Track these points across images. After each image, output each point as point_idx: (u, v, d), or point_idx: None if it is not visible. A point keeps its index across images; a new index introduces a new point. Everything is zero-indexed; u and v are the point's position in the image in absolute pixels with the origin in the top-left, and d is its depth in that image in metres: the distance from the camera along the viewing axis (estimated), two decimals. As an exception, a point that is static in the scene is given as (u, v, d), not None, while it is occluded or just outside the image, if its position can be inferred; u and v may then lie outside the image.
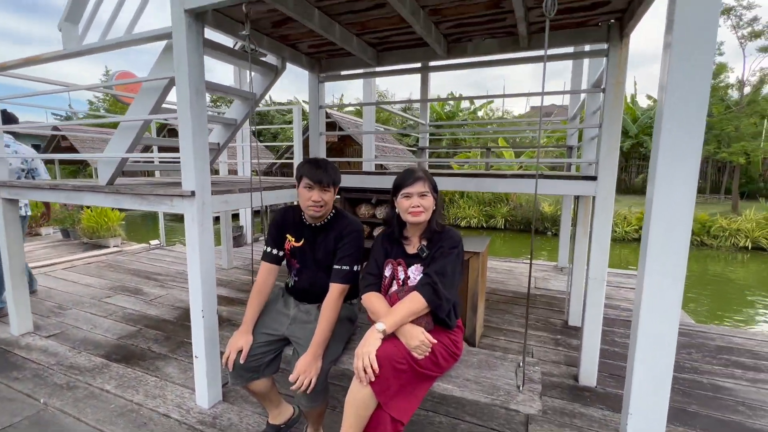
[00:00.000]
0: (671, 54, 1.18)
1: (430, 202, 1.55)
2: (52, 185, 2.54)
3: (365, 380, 1.33)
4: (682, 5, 1.14)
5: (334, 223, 1.74)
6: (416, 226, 1.59)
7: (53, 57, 2.40)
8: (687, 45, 1.15)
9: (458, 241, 1.56)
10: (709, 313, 6.07)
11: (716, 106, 14.48)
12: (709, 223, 11.05)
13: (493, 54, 2.52)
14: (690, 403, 2.21)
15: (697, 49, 1.15)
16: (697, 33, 1.14)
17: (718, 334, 3.17)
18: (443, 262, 1.49)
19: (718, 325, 4.32)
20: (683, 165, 1.21)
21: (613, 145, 2.19)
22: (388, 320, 1.42)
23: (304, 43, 2.66)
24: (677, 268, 1.25)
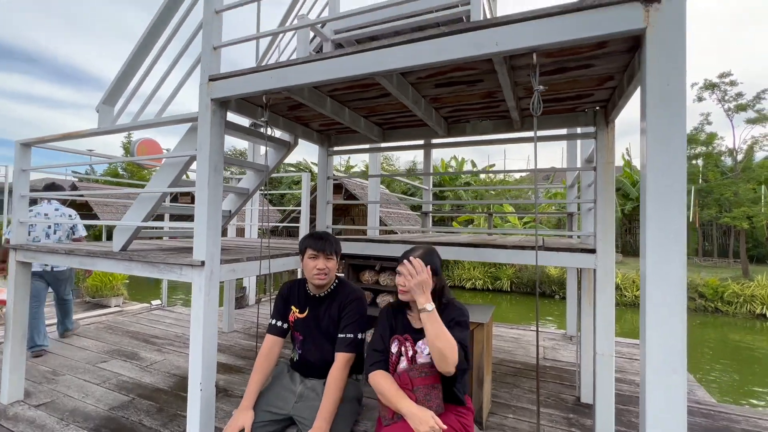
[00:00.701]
0: (647, 138, 1.29)
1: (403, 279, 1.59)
2: (68, 250, 2.64)
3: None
4: (652, 98, 1.27)
5: (336, 292, 1.78)
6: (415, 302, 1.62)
7: (88, 133, 2.63)
8: (659, 131, 1.27)
9: (467, 312, 1.59)
10: (732, 388, 5.70)
11: (712, 172, 14.90)
12: (721, 288, 10.78)
13: (490, 134, 2.73)
14: (719, 500, 2.02)
15: (669, 134, 1.26)
16: (668, 120, 1.26)
17: (743, 416, 2.97)
18: (462, 335, 1.51)
19: (742, 405, 4.04)
20: (671, 234, 1.26)
21: (608, 219, 2.27)
22: (433, 318, 1.42)
23: (315, 123, 2.91)
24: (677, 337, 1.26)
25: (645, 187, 1.31)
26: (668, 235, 1.26)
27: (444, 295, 1.64)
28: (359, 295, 1.77)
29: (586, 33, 1.31)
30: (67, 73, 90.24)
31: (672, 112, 1.25)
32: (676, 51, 1.23)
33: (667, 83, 1.25)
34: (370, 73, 1.64)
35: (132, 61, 2.40)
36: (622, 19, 1.27)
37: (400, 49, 1.58)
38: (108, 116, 2.51)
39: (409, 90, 2.11)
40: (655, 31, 1.23)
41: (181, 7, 2.31)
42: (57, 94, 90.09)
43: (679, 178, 1.25)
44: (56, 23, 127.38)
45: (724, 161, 15.64)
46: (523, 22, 1.38)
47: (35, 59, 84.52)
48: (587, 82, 1.98)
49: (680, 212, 1.26)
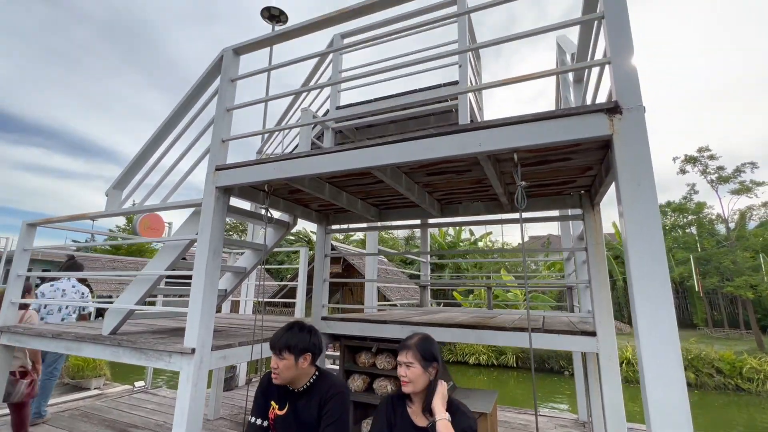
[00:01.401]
0: (625, 221, 1.36)
1: (416, 373, 1.54)
2: (55, 333, 2.56)
3: None
4: (625, 193, 1.36)
5: (315, 386, 1.70)
6: (416, 395, 1.56)
7: (95, 215, 2.72)
8: (635, 214, 1.34)
9: (473, 418, 1.51)
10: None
11: (707, 240, 15.06)
12: (738, 363, 10.24)
13: (481, 215, 2.84)
14: None
15: (645, 223, 1.33)
16: (643, 212, 1.34)
17: None
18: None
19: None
20: (658, 306, 1.28)
21: (605, 300, 2.26)
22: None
23: (314, 204, 3.03)
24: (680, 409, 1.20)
25: (629, 268, 1.36)
26: (657, 309, 1.29)
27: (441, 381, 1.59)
28: (341, 389, 1.68)
29: (559, 137, 1.45)
30: (80, 146, 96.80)
31: (645, 201, 1.34)
32: (641, 153, 1.36)
33: (637, 183, 1.35)
34: (366, 167, 1.77)
35: (145, 150, 2.59)
36: (590, 126, 1.42)
37: (393, 147, 1.72)
38: (116, 200, 2.62)
39: (403, 178, 2.25)
40: (621, 137, 1.37)
41: (196, 104, 2.56)
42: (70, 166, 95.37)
43: (658, 253, 1.30)
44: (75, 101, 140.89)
45: (717, 230, 15.92)
46: (503, 127, 1.54)
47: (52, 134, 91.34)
48: (569, 171, 2.13)
49: (665, 287, 1.29)
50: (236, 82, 2.38)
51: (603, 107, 1.40)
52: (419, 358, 1.57)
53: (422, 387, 1.55)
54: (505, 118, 1.55)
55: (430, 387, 1.56)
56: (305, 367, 1.68)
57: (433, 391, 1.55)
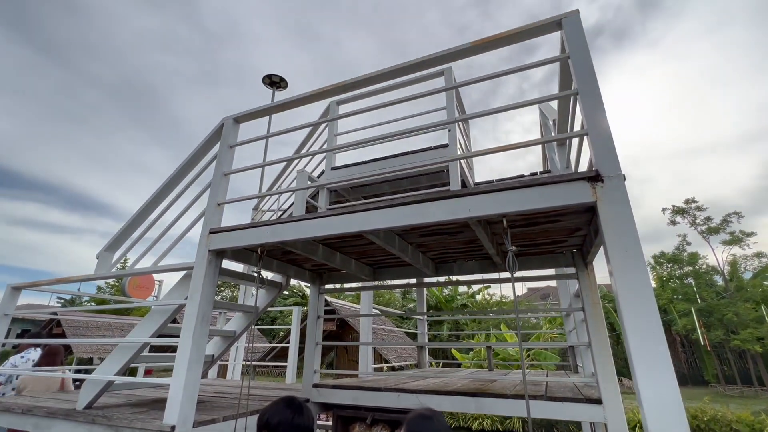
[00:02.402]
0: (615, 278, 1.35)
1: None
2: (25, 409, 2.38)
3: None
4: (613, 255, 1.38)
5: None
6: None
7: (83, 278, 2.67)
8: (625, 277, 1.35)
9: None
10: None
11: (705, 291, 14.93)
12: (758, 425, 9.61)
13: (476, 273, 2.83)
14: None
15: (635, 281, 1.34)
16: (629, 262, 1.35)
17: None
18: None
19: None
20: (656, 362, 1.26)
21: (607, 363, 2.18)
22: None
23: (308, 264, 3.01)
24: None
25: (624, 326, 1.34)
26: (655, 363, 1.26)
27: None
28: None
29: (545, 204, 1.49)
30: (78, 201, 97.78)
31: (633, 265, 1.36)
32: (625, 218, 1.40)
33: (624, 245, 1.38)
34: (358, 231, 1.79)
35: (140, 214, 2.61)
36: (574, 193, 1.47)
37: (385, 211, 1.76)
38: (107, 262, 2.59)
39: (396, 240, 2.26)
40: (604, 203, 1.42)
41: (195, 168, 2.63)
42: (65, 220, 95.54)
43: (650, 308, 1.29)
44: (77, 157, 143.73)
45: (715, 280, 15.86)
46: (492, 193, 1.59)
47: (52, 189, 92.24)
48: (558, 232, 2.16)
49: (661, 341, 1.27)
50: (235, 148, 2.48)
51: (585, 176, 1.46)
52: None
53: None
54: (493, 185, 1.61)
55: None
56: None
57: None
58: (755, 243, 16.53)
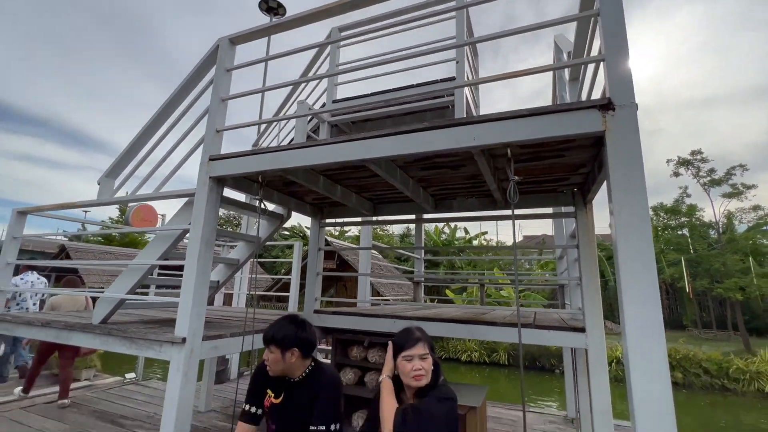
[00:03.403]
0: (615, 216, 1.37)
1: (430, 363, 1.55)
2: (44, 322, 2.55)
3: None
4: (616, 190, 1.38)
5: (310, 377, 1.71)
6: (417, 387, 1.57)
7: (86, 204, 2.70)
8: (625, 208, 1.36)
9: (448, 392, 1.53)
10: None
11: (698, 243, 15.25)
12: (725, 364, 10.40)
13: (475, 210, 2.85)
14: None
15: (634, 211, 1.35)
16: (632, 207, 1.35)
17: None
18: (423, 401, 1.47)
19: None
20: (645, 303, 1.30)
21: (594, 297, 2.28)
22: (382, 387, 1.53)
23: (309, 196, 3.03)
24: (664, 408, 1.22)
25: (618, 266, 1.37)
26: (645, 307, 1.31)
27: (440, 373, 1.61)
28: (332, 381, 1.70)
29: (552, 133, 1.46)
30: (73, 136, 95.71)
31: (635, 199, 1.36)
32: (633, 149, 1.37)
33: (628, 179, 1.37)
34: (360, 159, 1.77)
35: (139, 139, 2.56)
36: (583, 122, 1.43)
37: (388, 139, 1.72)
38: (108, 189, 2.60)
39: (398, 172, 2.25)
40: (613, 134, 1.38)
41: (191, 93, 2.53)
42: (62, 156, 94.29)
43: (648, 255, 1.32)
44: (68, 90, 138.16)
45: (710, 233, 16.12)
46: (498, 121, 1.54)
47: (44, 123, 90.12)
48: (562, 168, 2.14)
49: (653, 286, 1.31)
50: (232, 73, 2.37)
51: (596, 104, 1.41)
52: (430, 349, 1.59)
53: (430, 378, 1.56)
54: (499, 113, 1.56)
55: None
56: (293, 361, 1.68)
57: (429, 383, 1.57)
58: (754, 196, 16.60)
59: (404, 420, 1.40)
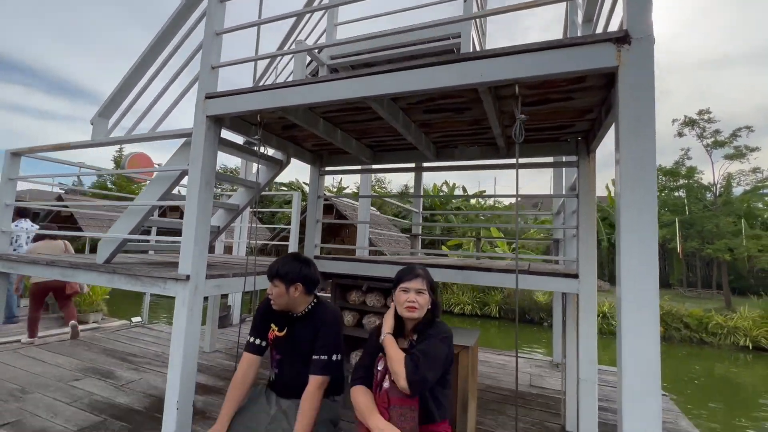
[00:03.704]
0: (620, 169, 1.37)
1: (426, 299, 1.61)
2: (49, 261, 2.59)
3: None
4: (624, 130, 1.35)
5: (313, 312, 1.79)
6: (411, 320, 1.64)
7: (80, 145, 2.64)
8: (632, 161, 1.35)
9: (447, 331, 1.60)
10: (717, 419, 5.68)
11: (694, 204, 15.36)
12: (705, 319, 10.90)
13: (477, 159, 2.82)
14: None
15: (641, 164, 1.34)
16: (640, 151, 1.34)
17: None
18: (427, 343, 1.52)
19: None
20: (643, 258, 1.32)
21: (590, 245, 2.33)
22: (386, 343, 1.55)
23: (308, 142, 2.97)
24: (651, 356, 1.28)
25: (619, 215, 1.38)
26: (641, 260, 1.32)
27: (437, 314, 1.67)
28: (335, 315, 1.78)
29: (563, 68, 1.40)
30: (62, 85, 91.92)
31: (643, 143, 1.33)
32: (645, 88, 1.33)
33: (638, 117, 1.34)
34: (362, 96, 1.71)
35: (131, 76, 2.46)
36: (596, 57, 1.37)
37: (391, 76, 1.66)
38: (102, 129, 2.53)
39: (400, 114, 2.19)
40: (627, 69, 1.33)
41: (183, 27, 2.39)
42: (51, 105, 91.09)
43: (650, 206, 1.32)
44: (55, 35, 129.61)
45: (706, 195, 16.18)
46: (507, 56, 1.48)
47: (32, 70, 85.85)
48: (568, 113, 2.09)
49: (652, 237, 1.32)
50: (226, 4, 2.22)
51: (611, 36, 1.34)
52: (428, 287, 1.64)
53: (423, 314, 1.62)
54: (508, 47, 1.48)
55: (425, 315, 1.65)
56: (297, 296, 1.74)
57: (425, 319, 1.64)
58: (756, 158, 16.46)
59: (416, 365, 1.44)
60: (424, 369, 1.45)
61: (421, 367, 1.45)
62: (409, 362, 1.44)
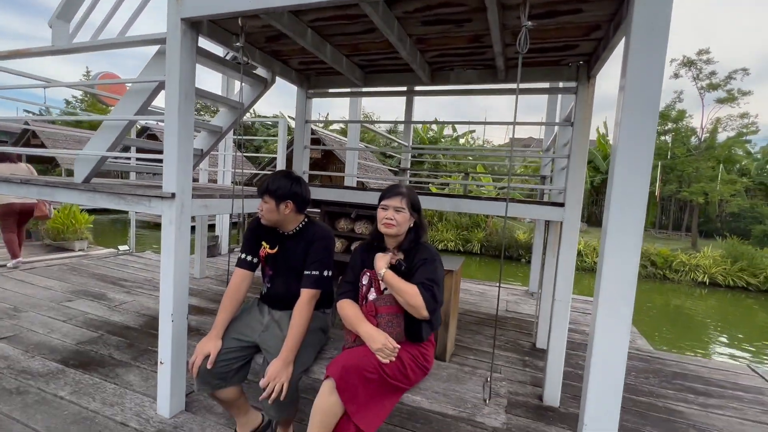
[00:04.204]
0: (624, 95, 1.33)
1: (405, 217, 1.62)
2: (24, 180, 2.47)
3: (388, 357, 1.46)
4: (633, 56, 1.29)
5: (304, 231, 1.80)
6: (392, 238, 1.66)
7: (41, 52, 2.39)
8: (636, 89, 1.30)
9: (437, 254, 1.64)
10: (668, 342, 6.34)
11: (679, 148, 15.54)
12: (671, 257, 11.64)
13: (473, 84, 2.69)
14: (645, 425, 2.30)
15: (645, 92, 1.30)
16: (645, 79, 1.29)
17: (675, 361, 3.33)
18: (430, 269, 1.55)
19: (675, 353, 4.49)
20: (634, 193, 1.34)
21: (579, 174, 2.35)
22: (390, 283, 1.52)
23: (294, 60, 2.76)
24: (627, 291, 1.36)
25: (616, 143, 1.36)
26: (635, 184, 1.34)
27: (421, 234, 1.69)
28: (326, 234, 1.79)
29: (579, -34, 1.27)
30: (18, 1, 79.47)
31: (653, 56, 1.27)
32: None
33: (651, 27, 1.26)
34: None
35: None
36: (616, -46, 1.24)
37: (389, -28, 1.49)
38: (63, 33, 2.27)
39: (395, 24, 2.01)
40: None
41: None
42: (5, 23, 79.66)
43: (649, 135, 1.30)
44: None
45: (691, 140, 16.30)
46: (518, -49, 1.33)
47: (-28, -26, 71.80)
48: (574, 30, 1.96)
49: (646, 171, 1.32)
50: None
51: (636, -72, 1.21)
52: (409, 206, 1.64)
53: (403, 232, 1.64)
54: (521, -59, 1.33)
55: (407, 235, 1.67)
56: (287, 213, 1.73)
57: (408, 238, 1.66)
58: (747, 103, 16.40)
59: (433, 294, 1.48)
60: (439, 296, 1.51)
61: (438, 295, 1.51)
62: (425, 293, 1.48)
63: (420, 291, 1.47)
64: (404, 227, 1.63)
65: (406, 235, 1.66)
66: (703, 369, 3.19)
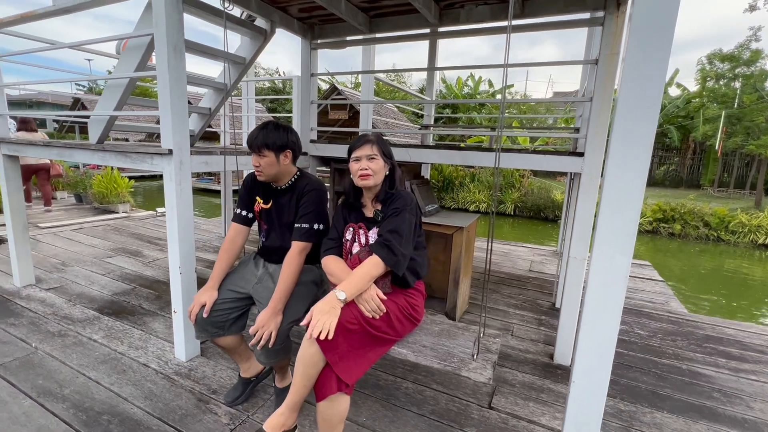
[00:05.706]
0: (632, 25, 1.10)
1: (379, 165, 1.53)
2: (46, 143, 2.62)
3: (313, 337, 1.34)
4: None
5: (296, 184, 1.76)
6: (369, 190, 1.59)
7: (45, 13, 2.42)
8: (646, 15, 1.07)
9: (410, 200, 1.55)
10: (717, 309, 5.91)
11: (748, 95, 13.70)
12: (728, 218, 10.63)
13: (486, 22, 2.43)
14: (663, 387, 2.18)
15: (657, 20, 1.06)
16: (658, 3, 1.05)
17: (710, 324, 3.09)
18: (394, 220, 1.49)
19: (717, 317, 4.19)
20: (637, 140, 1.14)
21: (603, 120, 2.10)
22: (348, 288, 1.39)
23: (293, 7, 2.61)
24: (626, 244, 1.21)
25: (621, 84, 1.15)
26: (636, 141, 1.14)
27: (396, 181, 1.60)
28: (317, 186, 1.74)
29: None
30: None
31: None
32: None
33: None
34: None
35: None
36: None
37: None
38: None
39: (388, -45, 1.81)
40: None
41: None
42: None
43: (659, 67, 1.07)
44: None
45: (765, 85, 14.27)
46: None
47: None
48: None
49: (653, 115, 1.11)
50: None
51: None
52: (381, 153, 1.55)
53: (380, 181, 1.56)
54: None
55: (384, 183, 1.59)
56: (287, 163, 1.71)
57: (383, 188, 1.58)
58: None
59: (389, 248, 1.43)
60: (397, 247, 1.43)
61: (395, 247, 1.43)
62: (380, 250, 1.42)
63: (375, 250, 1.44)
64: (380, 176, 1.55)
65: (382, 185, 1.58)
66: (742, 333, 2.95)
